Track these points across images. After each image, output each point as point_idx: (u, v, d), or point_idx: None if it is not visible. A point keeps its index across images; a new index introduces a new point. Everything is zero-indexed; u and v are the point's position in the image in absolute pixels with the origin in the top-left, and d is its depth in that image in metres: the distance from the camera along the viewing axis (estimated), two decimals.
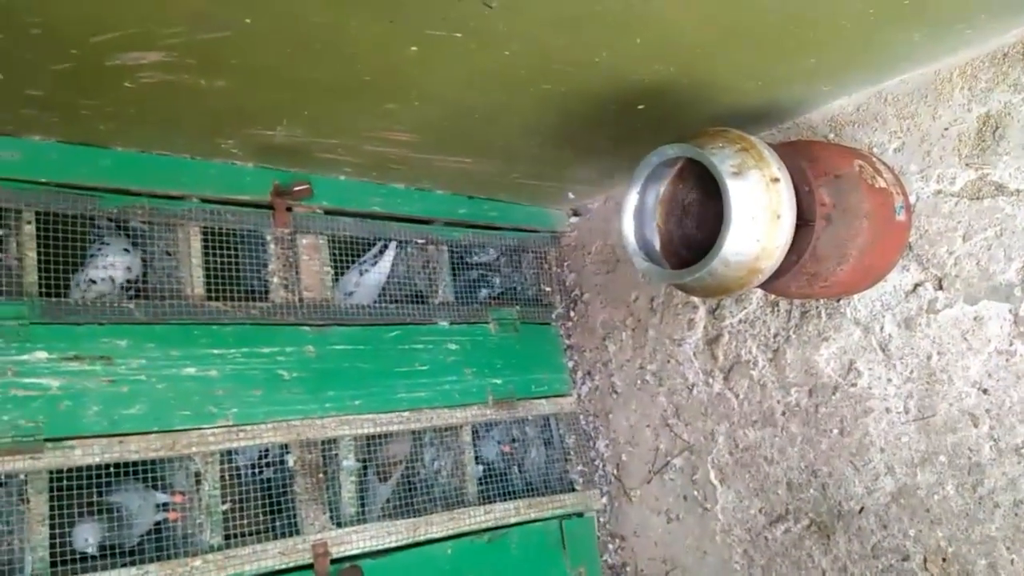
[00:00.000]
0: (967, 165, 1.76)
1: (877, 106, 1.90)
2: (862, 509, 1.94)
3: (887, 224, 1.68)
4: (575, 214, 2.65)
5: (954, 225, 1.78)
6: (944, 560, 1.80)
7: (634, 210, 1.58)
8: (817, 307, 2.02)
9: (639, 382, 2.44)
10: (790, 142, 1.80)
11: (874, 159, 1.74)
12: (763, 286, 1.65)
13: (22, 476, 1.54)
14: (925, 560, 1.83)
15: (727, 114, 1.91)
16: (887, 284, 1.89)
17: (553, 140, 1.97)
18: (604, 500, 2.52)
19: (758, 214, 1.40)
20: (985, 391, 1.74)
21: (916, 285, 1.85)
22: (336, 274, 2.11)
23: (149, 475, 1.75)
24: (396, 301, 2.18)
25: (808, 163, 1.59)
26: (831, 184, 1.59)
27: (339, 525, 1.91)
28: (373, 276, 2.24)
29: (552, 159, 2.14)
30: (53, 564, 1.54)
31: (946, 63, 1.77)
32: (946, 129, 1.78)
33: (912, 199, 1.83)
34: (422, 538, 2.04)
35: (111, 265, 1.81)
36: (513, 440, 2.51)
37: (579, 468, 2.46)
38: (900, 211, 1.71)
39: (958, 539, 1.77)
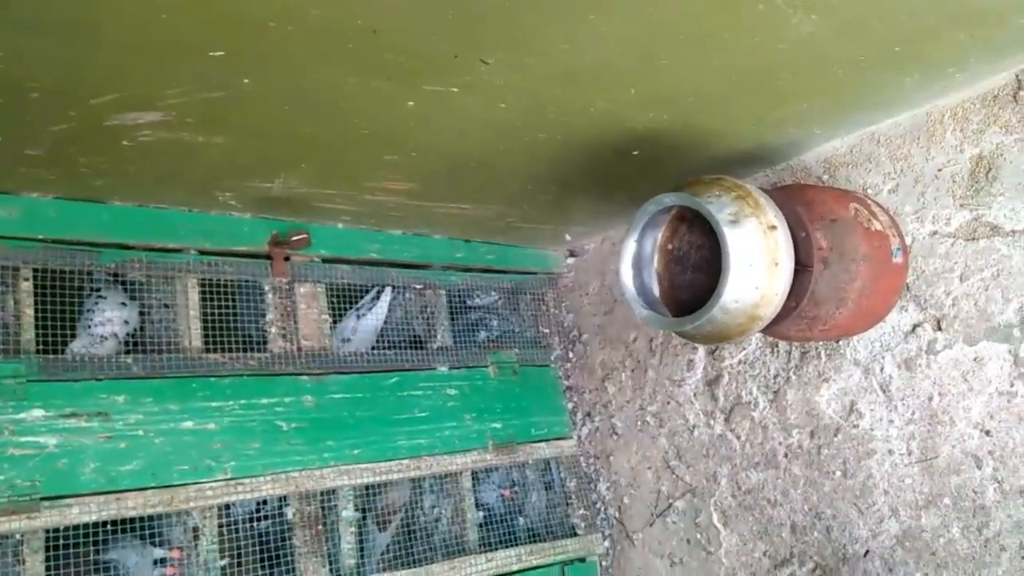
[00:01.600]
0: (962, 206, 1.77)
1: (870, 147, 1.91)
2: (867, 552, 1.92)
3: (884, 266, 1.68)
4: (572, 255, 2.65)
5: (951, 266, 1.79)
6: None
7: (632, 257, 1.58)
8: (817, 348, 2.02)
9: (639, 423, 2.43)
10: (785, 186, 1.81)
11: (869, 201, 1.75)
12: (763, 330, 1.65)
13: (18, 536, 1.52)
14: None
15: (722, 157, 1.92)
16: (886, 325, 1.89)
17: (549, 186, 1.98)
18: (606, 544, 2.49)
19: (756, 261, 1.41)
20: (987, 432, 1.74)
21: (915, 326, 1.85)
22: (334, 322, 2.10)
23: (146, 530, 1.72)
24: (394, 347, 2.17)
25: (804, 208, 1.60)
26: (827, 228, 1.59)
27: None
28: (370, 320, 2.24)
29: (548, 203, 2.15)
30: None
31: (938, 105, 1.79)
32: (940, 170, 1.80)
33: (908, 240, 1.84)
34: None
35: (109, 320, 1.80)
36: (513, 484, 2.49)
37: (580, 512, 2.44)
38: (897, 253, 1.71)
39: None
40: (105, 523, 1.63)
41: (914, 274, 1.84)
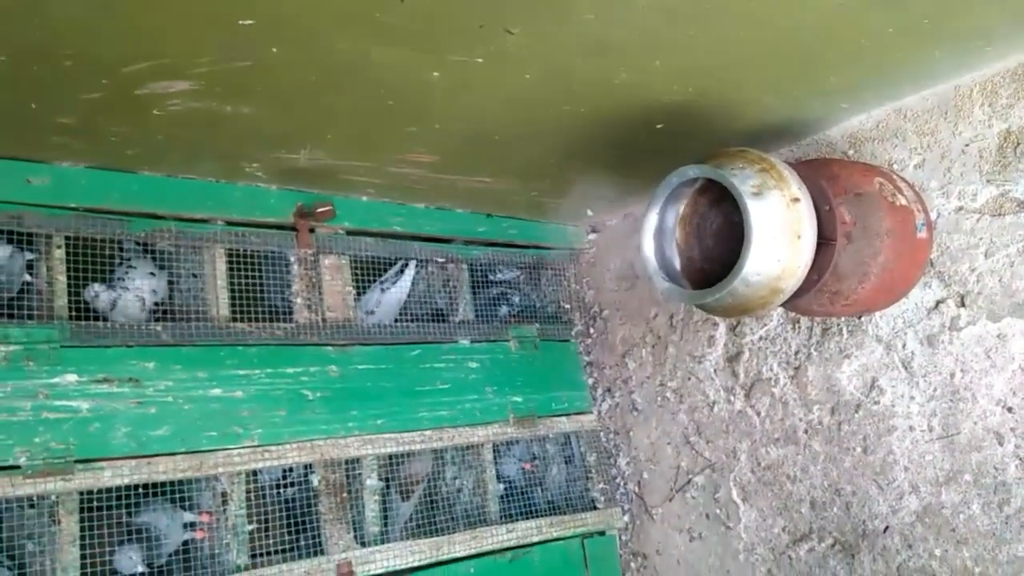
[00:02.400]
0: (988, 181, 1.75)
1: (897, 122, 1.90)
2: (887, 528, 1.92)
3: (908, 242, 1.68)
4: (594, 231, 2.66)
5: (976, 242, 1.78)
6: None
7: (654, 230, 1.58)
8: (838, 324, 2.02)
9: (660, 399, 2.44)
10: (809, 160, 1.80)
11: (894, 176, 1.74)
12: (784, 305, 1.65)
13: (53, 497, 1.56)
14: None
15: (746, 132, 1.91)
16: (909, 301, 1.88)
17: (572, 159, 1.99)
18: (626, 518, 2.52)
19: (779, 234, 1.41)
20: (1010, 409, 1.73)
21: (938, 302, 1.84)
22: (358, 293, 2.13)
23: (176, 495, 1.76)
24: (417, 320, 2.20)
25: (828, 182, 1.60)
26: (851, 202, 1.59)
27: (363, 544, 1.92)
28: (394, 294, 2.26)
29: (571, 177, 2.15)
30: None
31: (966, 79, 1.77)
32: (967, 145, 1.78)
33: (933, 216, 1.83)
34: (445, 557, 2.04)
35: (138, 289, 1.83)
36: (534, 458, 2.51)
37: (600, 486, 2.46)
38: (921, 228, 1.70)
39: (985, 559, 1.75)
40: (136, 487, 1.67)
41: (938, 250, 1.83)
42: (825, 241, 1.54)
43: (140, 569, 1.64)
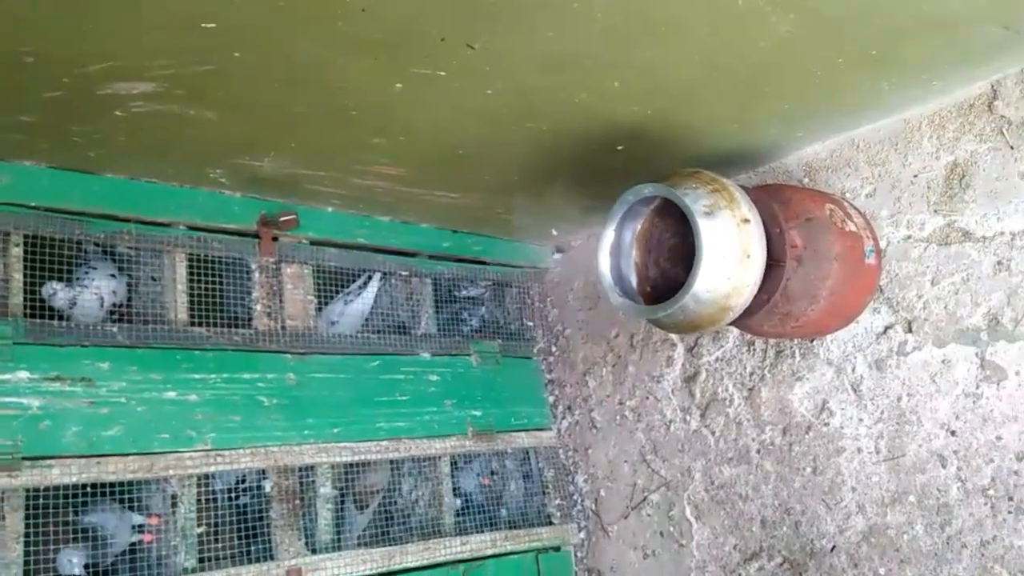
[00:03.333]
0: (935, 211, 1.81)
1: (850, 152, 1.96)
2: (834, 547, 1.95)
3: (857, 267, 1.72)
4: (558, 251, 2.69)
5: (923, 270, 1.83)
6: None
7: (611, 246, 1.62)
8: (791, 347, 2.06)
9: (618, 418, 2.47)
10: (764, 185, 1.85)
11: (845, 204, 1.79)
12: (737, 324, 1.69)
13: None
14: None
15: (705, 156, 1.96)
16: (859, 326, 1.93)
17: (536, 176, 2.02)
18: (582, 535, 2.53)
19: (729, 253, 1.45)
20: (953, 433, 1.78)
21: (887, 327, 1.89)
22: (320, 304, 2.14)
23: (126, 497, 1.75)
24: (379, 331, 2.21)
25: (780, 206, 1.64)
26: (802, 227, 1.63)
27: (314, 551, 1.92)
28: (357, 306, 2.27)
29: (535, 196, 2.19)
30: None
31: (915, 112, 1.83)
32: (915, 176, 1.84)
33: (883, 243, 1.88)
34: (397, 567, 2.04)
35: (98, 289, 1.83)
36: (492, 472, 2.52)
37: (557, 502, 2.47)
38: (870, 254, 1.75)
39: None
40: (85, 487, 1.66)
41: (887, 277, 1.88)
42: (775, 263, 1.58)
43: (79, 572, 1.62)
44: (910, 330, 1.85)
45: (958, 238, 1.78)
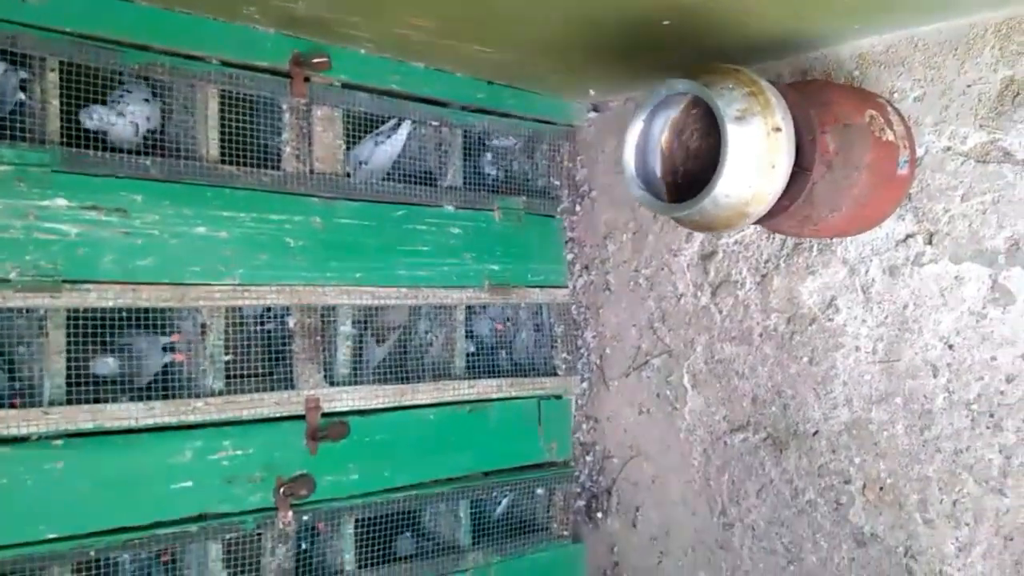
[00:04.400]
0: (981, 127, 1.75)
1: (906, 50, 1.86)
2: (816, 432, 2.07)
3: (886, 178, 1.70)
4: (594, 110, 2.64)
5: (955, 184, 1.80)
6: (881, 489, 1.95)
7: (638, 137, 1.60)
8: (809, 241, 2.07)
9: (632, 284, 2.53)
10: (807, 83, 1.79)
11: (888, 109, 1.73)
12: (756, 222, 1.70)
13: (42, 311, 1.67)
14: (864, 486, 1.97)
15: (754, 38, 1.88)
16: (880, 230, 1.92)
17: (576, 40, 1.95)
18: (584, 385, 2.67)
19: (754, 161, 1.43)
20: (951, 347, 1.83)
21: (908, 236, 1.89)
22: (348, 148, 2.15)
23: (158, 323, 1.87)
24: (405, 180, 2.23)
25: (819, 109, 1.60)
26: (838, 132, 1.60)
27: (332, 384, 2.06)
28: (387, 148, 2.28)
29: (574, 58, 2.12)
30: (68, 391, 1.70)
31: (984, 16, 1.72)
32: (968, 86, 1.76)
33: (921, 151, 1.84)
34: (408, 403, 2.19)
35: (131, 113, 1.86)
36: (507, 320, 2.64)
37: (564, 355, 2.60)
38: (903, 165, 1.72)
39: (897, 473, 1.91)
40: (120, 311, 1.78)
41: (919, 186, 1.85)
42: (802, 169, 1.56)
43: (112, 370, 1.77)
44: (930, 242, 1.85)
45: (998, 157, 1.74)
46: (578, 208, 2.68)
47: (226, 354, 1.92)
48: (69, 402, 1.68)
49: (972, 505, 1.78)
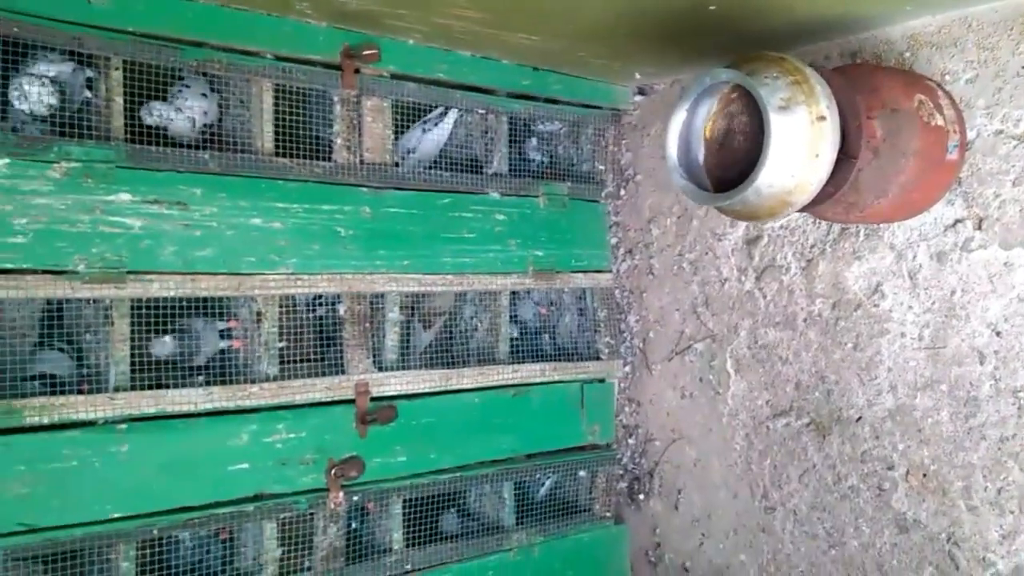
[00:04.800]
0: None
1: (959, 31, 1.83)
2: (860, 418, 2.07)
3: (935, 164, 1.69)
4: (640, 93, 2.64)
5: (1007, 168, 1.77)
6: (925, 476, 1.95)
7: (681, 125, 1.61)
8: (856, 227, 2.06)
9: (676, 268, 2.54)
10: (855, 66, 1.77)
11: (939, 93, 1.71)
12: (800, 210, 1.70)
13: (107, 301, 1.76)
14: (908, 472, 1.97)
15: (802, 20, 1.87)
16: (929, 215, 1.91)
17: (624, 26, 1.96)
18: (627, 369, 2.70)
19: (798, 151, 1.44)
20: (999, 333, 1.81)
21: (956, 221, 1.87)
22: (396, 138, 2.20)
23: (216, 312, 1.94)
24: (451, 168, 2.27)
25: (866, 95, 1.59)
26: (886, 118, 1.59)
27: (380, 369, 2.13)
28: (434, 136, 2.33)
29: (619, 43, 2.13)
30: (132, 378, 1.79)
31: None
32: (1023, 67, 1.73)
33: (972, 135, 1.81)
34: (453, 387, 2.25)
35: (190, 108, 1.93)
36: (551, 303, 2.67)
37: (607, 339, 2.63)
38: (953, 150, 1.71)
39: (941, 460, 1.91)
40: (181, 300, 1.86)
41: (969, 170, 1.83)
42: (848, 157, 1.56)
43: (169, 350, 1.87)
44: (980, 227, 1.83)
45: None
46: (622, 192, 2.69)
47: (280, 341, 2.00)
48: (132, 388, 1.78)
49: (1017, 493, 1.77)
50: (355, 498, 2.06)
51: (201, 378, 1.89)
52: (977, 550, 1.84)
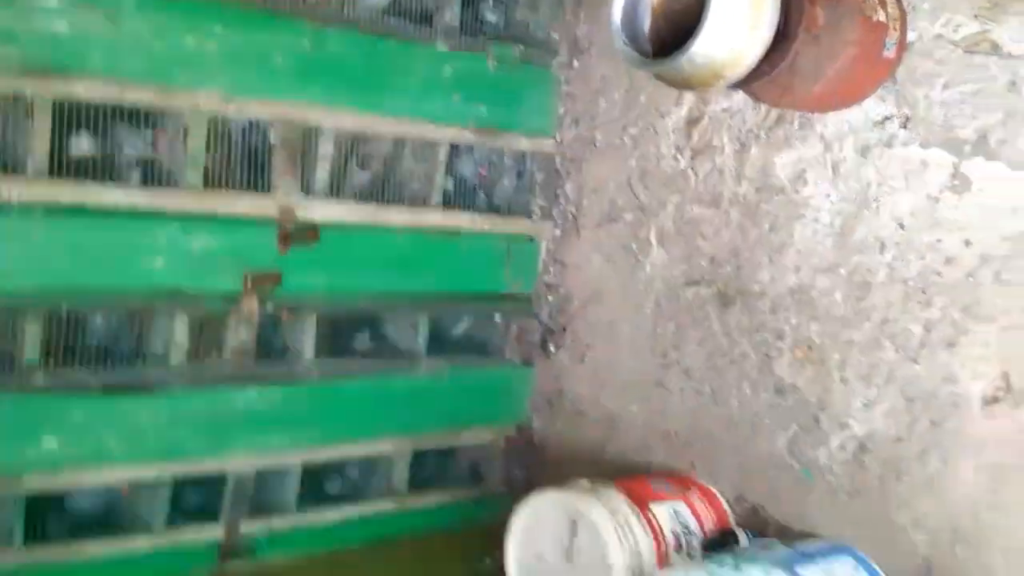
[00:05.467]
0: (976, 16, 1.75)
1: None
2: (763, 293, 2.18)
3: (871, 57, 1.72)
4: None
5: (940, 72, 1.82)
6: (809, 348, 2.08)
7: None
8: (793, 115, 2.10)
9: (618, 141, 2.56)
10: None
11: None
12: (735, 86, 1.73)
13: (29, 97, 1.71)
14: (794, 343, 2.11)
15: None
16: (861, 110, 1.96)
17: None
18: (557, 232, 2.75)
19: (736, 22, 1.45)
20: (902, 226, 1.91)
21: (885, 118, 1.93)
22: None
23: (142, 123, 1.91)
24: (402, 14, 2.21)
25: None
26: (829, 7, 1.60)
27: (308, 195, 2.12)
28: None
29: None
30: (50, 172, 1.76)
31: None
32: None
33: (913, 36, 1.84)
34: (382, 222, 2.27)
35: None
36: (491, 164, 2.68)
37: (540, 203, 2.67)
38: (891, 47, 1.74)
39: (826, 335, 2.04)
40: (106, 106, 1.82)
41: (906, 71, 1.87)
42: (785, 39, 1.58)
43: (85, 149, 1.84)
44: (905, 126, 1.90)
45: (985, 49, 1.76)
46: (575, 63, 2.66)
47: (207, 153, 1.96)
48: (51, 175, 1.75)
49: (886, 370, 1.93)
50: (269, 305, 2.09)
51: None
52: (840, 415, 2.01)
